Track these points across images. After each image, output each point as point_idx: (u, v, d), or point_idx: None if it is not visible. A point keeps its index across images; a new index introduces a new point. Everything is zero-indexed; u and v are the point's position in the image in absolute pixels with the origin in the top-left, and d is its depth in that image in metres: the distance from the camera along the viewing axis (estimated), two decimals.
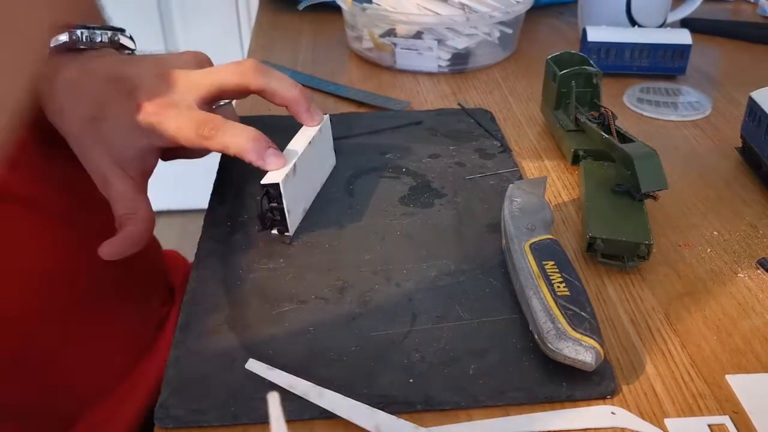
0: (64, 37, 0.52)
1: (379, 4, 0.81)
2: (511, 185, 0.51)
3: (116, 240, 0.48)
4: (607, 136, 0.56)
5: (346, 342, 0.42)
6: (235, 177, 0.58)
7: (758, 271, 0.49)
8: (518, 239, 0.45)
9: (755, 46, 0.87)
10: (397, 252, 0.49)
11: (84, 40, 0.52)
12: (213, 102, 0.51)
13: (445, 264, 0.48)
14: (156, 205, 0.51)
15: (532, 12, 0.84)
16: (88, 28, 0.53)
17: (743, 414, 0.38)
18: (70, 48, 0.52)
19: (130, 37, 0.55)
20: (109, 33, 0.54)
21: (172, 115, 0.47)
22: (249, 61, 0.50)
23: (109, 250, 0.48)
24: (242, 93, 0.51)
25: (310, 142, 0.52)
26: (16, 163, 0.49)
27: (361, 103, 0.72)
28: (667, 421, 0.38)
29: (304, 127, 0.54)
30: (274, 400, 0.26)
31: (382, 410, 0.38)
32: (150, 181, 0.51)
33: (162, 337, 0.61)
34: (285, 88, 0.51)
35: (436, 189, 0.56)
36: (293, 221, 0.50)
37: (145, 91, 0.48)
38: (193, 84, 0.49)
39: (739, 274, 0.48)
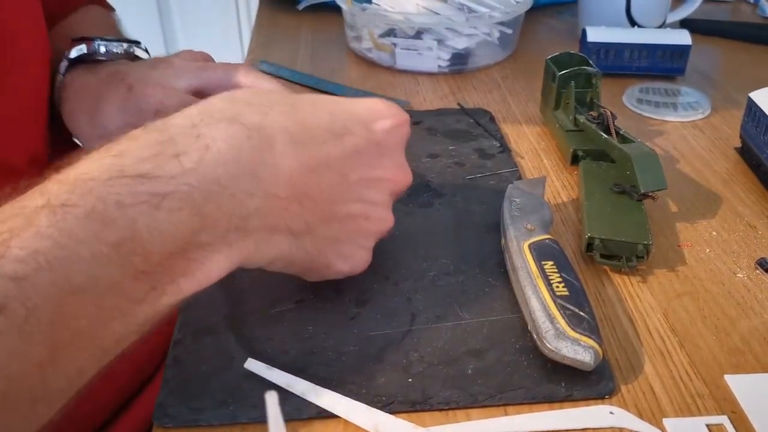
0: (83, 49, 0.54)
1: (378, 4, 0.81)
2: (510, 185, 0.51)
3: None
4: (606, 136, 0.56)
5: (344, 341, 0.42)
6: None
7: (757, 271, 0.49)
8: (517, 239, 0.45)
9: (755, 46, 0.87)
10: (396, 251, 0.49)
11: (101, 51, 0.55)
12: (203, 93, 0.52)
13: (444, 264, 0.48)
14: None
15: (531, 12, 0.84)
16: (106, 40, 0.55)
17: (741, 414, 0.38)
18: (89, 59, 0.55)
19: (146, 50, 0.58)
20: (125, 45, 0.57)
21: (159, 93, 0.49)
22: (243, 64, 0.52)
23: None
24: (229, 87, 0.52)
25: None
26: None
27: None
28: (666, 421, 0.38)
29: None
30: (272, 399, 0.26)
31: (381, 410, 0.38)
32: None
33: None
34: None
35: (435, 189, 0.56)
36: None
37: (136, 77, 0.51)
38: (181, 70, 0.51)
39: (737, 274, 0.48)
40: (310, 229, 0.39)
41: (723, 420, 0.38)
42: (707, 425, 0.37)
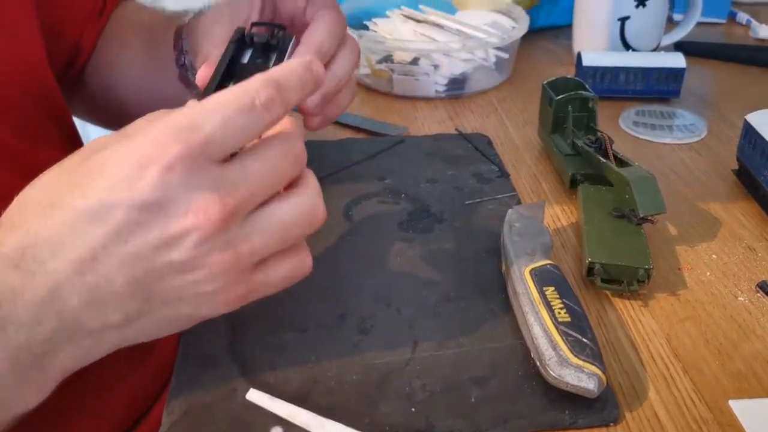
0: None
1: (375, 31, 0.82)
2: (509, 210, 0.51)
3: None
4: (604, 160, 0.56)
5: (347, 370, 0.42)
6: None
7: (758, 294, 0.49)
8: (518, 265, 0.45)
9: (749, 68, 0.87)
10: (397, 278, 0.49)
11: None
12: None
13: (445, 290, 0.48)
14: None
15: (527, 36, 0.84)
16: None
17: None
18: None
19: None
20: None
21: None
22: None
23: None
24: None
25: None
26: None
27: (358, 129, 0.72)
28: None
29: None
30: None
31: None
32: None
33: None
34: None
35: (434, 214, 0.57)
36: None
37: None
38: None
39: (739, 298, 0.48)
40: (135, 313, 0.34)
41: None
42: None
